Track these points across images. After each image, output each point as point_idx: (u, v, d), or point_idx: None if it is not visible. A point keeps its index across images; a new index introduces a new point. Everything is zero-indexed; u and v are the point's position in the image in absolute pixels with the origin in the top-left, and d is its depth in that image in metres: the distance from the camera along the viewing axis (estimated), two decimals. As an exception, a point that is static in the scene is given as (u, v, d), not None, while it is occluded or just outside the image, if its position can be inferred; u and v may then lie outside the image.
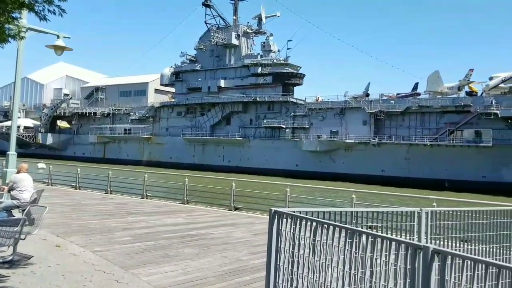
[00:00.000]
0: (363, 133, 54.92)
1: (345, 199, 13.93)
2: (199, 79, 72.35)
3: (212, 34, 70.77)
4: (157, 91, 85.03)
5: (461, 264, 3.13)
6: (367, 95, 58.67)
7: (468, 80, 51.88)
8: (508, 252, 5.88)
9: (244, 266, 7.28)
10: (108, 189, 18.83)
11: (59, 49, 11.87)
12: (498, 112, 45.86)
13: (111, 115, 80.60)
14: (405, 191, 33.16)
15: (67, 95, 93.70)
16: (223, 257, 7.81)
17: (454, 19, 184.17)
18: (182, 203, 16.09)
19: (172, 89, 78.18)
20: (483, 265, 2.92)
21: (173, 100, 75.91)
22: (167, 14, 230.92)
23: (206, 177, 24.39)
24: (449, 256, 3.05)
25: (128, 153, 75.35)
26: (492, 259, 5.51)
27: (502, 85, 48.98)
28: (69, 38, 12.10)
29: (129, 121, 77.38)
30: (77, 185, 20.30)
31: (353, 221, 4.99)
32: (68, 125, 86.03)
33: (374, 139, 53.47)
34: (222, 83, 69.80)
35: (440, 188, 41.54)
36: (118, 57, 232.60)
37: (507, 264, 2.91)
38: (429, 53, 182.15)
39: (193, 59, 75.43)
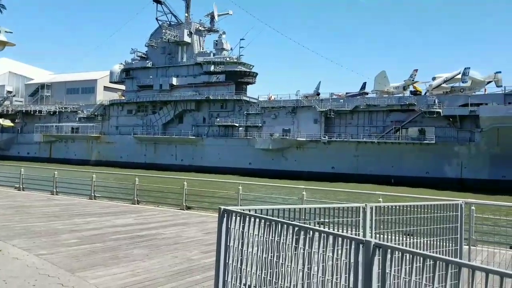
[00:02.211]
0: (314, 131, 56.06)
1: (296, 196, 14.16)
2: (151, 77, 71.01)
3: (163, 31, 69.59)
4: (106, 88, 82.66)
5: (400, 257, 3.29)
6: (318, 94, 59.93)
7: (413, 80, 54.12)
8: (446, 244, 6.18)
9: (195, 265, 7.26)
10: (54, 190, 18.14)
11: (0, 44, 11.31)
12: (440, 111, 48.15)
13: (57, 113, 77.58)
14: (353, 187, 34.18)
15: (10, 92, 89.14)
16: (174, 257, 7.75)
17: (400, 21, 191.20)
18: (132, 203, 15.79)
19: (122, 87, 76.33)
20: (421, 258, 3.06)
21: (123, 98, 74.10)
22: (117, 10, 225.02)
23: (157, 176, 24.03)
24: (389, 250, 3.18)
25: (76, 153, 72.92)
26: (431, 252, 5.81)
27: (444, 85, 51.51)
28: (11, 33, 11.54)
29: (77, 119, 74.83)
30: (21, 186, 19.39)
31: (304, 217, 5.08)
32: (11, 124, 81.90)
33: (325, 137, 54.69)
34: (174, 81, 68.88)
35: (386, 184, 43.08)
36: (66, 53, 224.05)
37: (442, 257, 3.07)
38: (376, 53, 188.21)
39: (144, 56, 73.91)
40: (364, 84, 58.82)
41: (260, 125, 60.67)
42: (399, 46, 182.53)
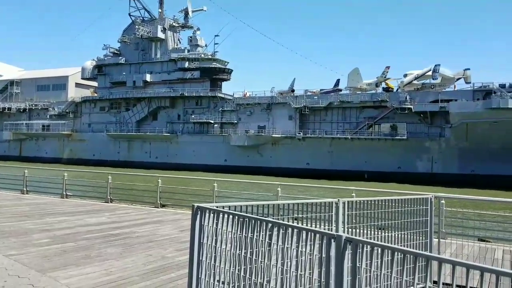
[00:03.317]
0: (289, 128, 56.41)
1: (271, 192, 14.22)
2: (124, 73, 69.97)
3: (136, 27, 68.63)
4: (78, 85, 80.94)
5: (370, 251, 3.35)
6: (293, 90, 60.32)
7: (385, 77, 55.05)
8: (417, 237, 6.32)
9: (169, 263, 7.23)
10: (24, 189, 17.72)
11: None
12: (411, 107, 49.17)
13: (27, 110, 75.75)
14: (328, 183, 34.57)
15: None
16: (148, 255, 7.69)
17: (372, 19, 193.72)
18: (105, 202, 15.56)
19: (95, 83, 74.92)
20: (390, 252, 3.13)
21: (96, 94, 72.79)
22: (89, 5, 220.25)
23: (131, 174, 23.74)
24: (360, 244, 3.24)
25: (47, 151, 71.35)
26: (402, 245, 5.94)
27: (415, 81, 52.58)
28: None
29: (48, 116, 73.19)
30: (-11, 185, 18.87)
31: (278, 213, 5.11)
32: (-22, 122, 79.49)
33: (299, 133, 55.11)
34: (148, 77, 68.04)
35: (360, 179, 43.72)
36: (36, 49, 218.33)
37: (411, 250, 3.15)
38: (349, 50, 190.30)
39: (116, 52, 72.71)
40: (338, 81, 59.57)
41: (235, 121, 60.63)
42: (371, 43, 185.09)
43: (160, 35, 68.75)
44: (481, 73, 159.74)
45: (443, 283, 2.79)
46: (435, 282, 5.02)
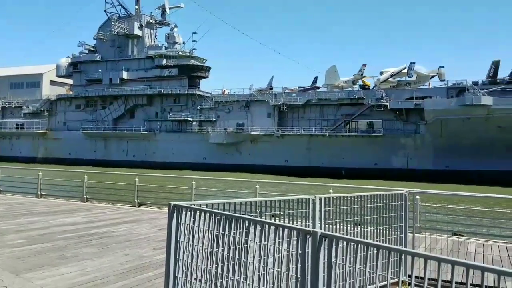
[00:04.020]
0: (267, 125, 56.54)
1: (250, 190, 14.26)
2: (100, 71, 68.86)
3: (112, 23, 67.60)
4: (52, 83, 79.40)
5: (345, 247, 3.40)
6: (271, 88, 60.48)
7: (362, 75, 55.72)
8: (392, 232, 6.44)
9: (147, 262, 7.18)
10: (-3, 189, 17.32)
11: None
12: (387, 104, 49.88)
13: (0, 109, 73.95)
14: (306, 180, 34.83)
15: None
16: (125, 255, 7.62)
17: (349, 17, 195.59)
18: (81, 201, 15.33)
19: (70, 81, 73.60)
20: (364, 247, 3.18)
21: (71, 92, 71.48)
22: (64, 1, 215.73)
23: (108, 173, 23.42)
24: (335, 240, 3.28)
25: (21, 150, 69.81)
26: (378, 240, 6.04)
27: (391, 79, 53.41)
28: None
29: (22, 115, 71.54)
30: (-40, 186, 18.35)
31: (257, 210, 5.13)
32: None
33: (278, 131, 55.30)
34: (125, 75, 67.16)
35: (338, 176, 44.16)
36: (9, 46, 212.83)
37: (385, 245, 3.20)
38: (326, 48, 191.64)
39: (92, 49, 71.54)
40: (316, 78, 59.95)
41: (214, 119, 60.42)
42: (349, 41, 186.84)
43: (137, 32, 67.92)
44: (455, 70, 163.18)
45: (416, 277, 2.85)
46: (409, 276, 5.12)
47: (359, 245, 3.15)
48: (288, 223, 5.04)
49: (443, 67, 52.65)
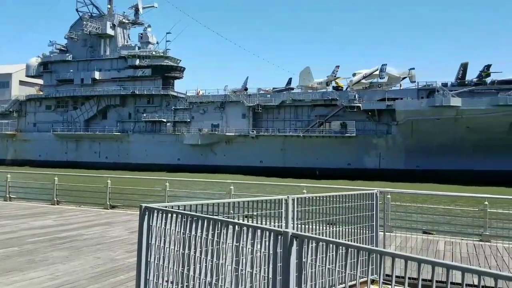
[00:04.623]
0: (242, 126, 56.57)
1: (224, 191, 14.24)
2: (71, 70, 67.47)
3: (84, 23, 66.32)
4: (22, 83, 77.26)
5: (315, 246, 3.43)
6: (246, 89, 60.59)
7: (335, 76, 56.44)
8: (364, 232, 6.54)
9: (119, 265, 7.09)
10: (-37, 192, 16.77)
11: None
12: (360, 105, 50.67)
13: (-33, 109, 71.65)
14: (280, 180, 35.00)
15: None
16: (96, 258, 7.50)
17: (323, 17, 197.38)
18: (51, 204, 15.00)
19: (40, 81, 71.87)
20: (334, 246, 3.22)
21: (41, 93, 69.82)
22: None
23: (79, 175, 23.01)
24: (306, 240, 3.31)
25: (-11, 152, 67.77)
26: (349, 239, 6.13)
27: (363, 80, 54.30)
28: None
29: (-11, 116, 69.50)
30: None
31: (231, 211, 5.13)
32: None
33: (253, 131, 55.42)
34: (97, 75, 66.02)
35: (312, 176, 44.49)
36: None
37: (354, 244, 3.25)
38: (300, 49, 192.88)
39: (63, 48, 70.02)
40: (290, 79, 60.36)
41: (189, 120, 60.07)
42: (322, 43, 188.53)
43: (109, 31, 66.86)
44: (426, 71, 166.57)
45: (387, 275, 2.91)
46: (388, 275, 5.21)
47: (329, 245, 3.19)
48: (262, 223, 5.06)
49: (413, 69, 53.93)
